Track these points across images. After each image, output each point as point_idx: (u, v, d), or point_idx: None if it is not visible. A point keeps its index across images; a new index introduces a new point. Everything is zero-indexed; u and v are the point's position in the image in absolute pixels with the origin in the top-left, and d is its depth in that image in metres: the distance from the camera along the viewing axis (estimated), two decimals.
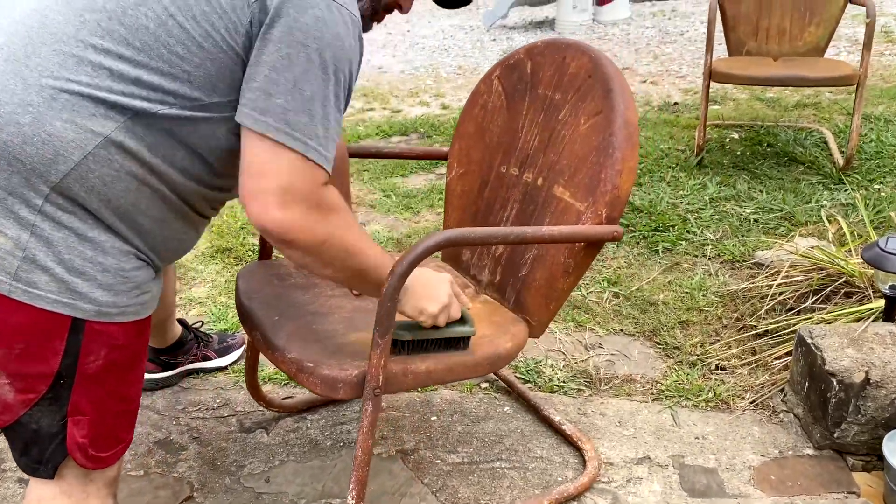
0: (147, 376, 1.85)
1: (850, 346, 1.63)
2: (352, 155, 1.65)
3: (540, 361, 2.00)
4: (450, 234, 1.15)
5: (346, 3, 1.05)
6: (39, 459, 1.04)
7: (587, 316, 2.21)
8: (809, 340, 1.69)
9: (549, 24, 6.75)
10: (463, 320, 1.27)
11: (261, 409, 1.79)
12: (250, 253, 2.58)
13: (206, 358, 1.93)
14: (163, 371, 1.86)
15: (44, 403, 1.01)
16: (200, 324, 2.00)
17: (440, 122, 3.98)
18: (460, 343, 1.28)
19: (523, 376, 1.94)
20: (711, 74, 2.98)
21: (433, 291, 1.22)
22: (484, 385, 1.92)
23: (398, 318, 1.19)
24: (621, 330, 2.15)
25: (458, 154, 1.69)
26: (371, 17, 1.23)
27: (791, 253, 2.26)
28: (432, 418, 1.78)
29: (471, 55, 5.75)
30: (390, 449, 1.67)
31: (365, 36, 1.14)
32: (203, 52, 0.99)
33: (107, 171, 0.98)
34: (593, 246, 1.36)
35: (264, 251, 1.63)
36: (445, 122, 3.99)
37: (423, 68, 5.44)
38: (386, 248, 2.65)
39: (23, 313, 0.97)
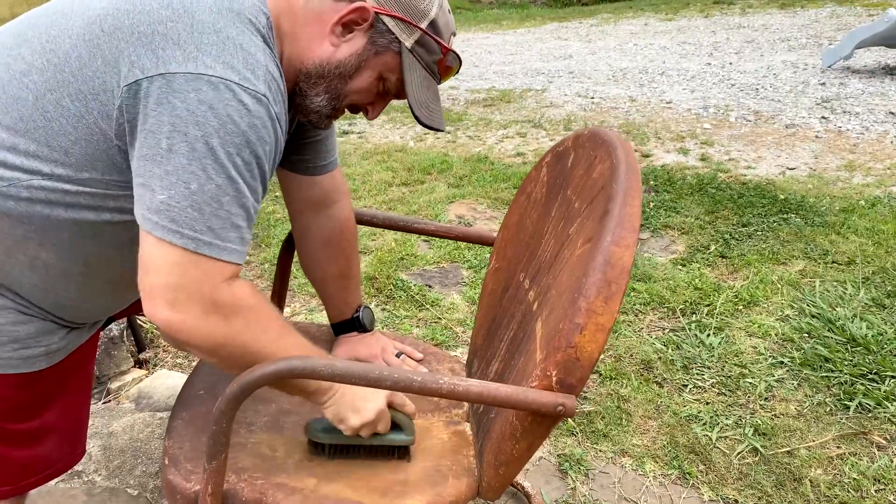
0: None
1: None
2: (380, 226, 1.47)
3: None
4: (293, 363, 0.93)
5: (242, 80, 0.90)
6: None
7: (701, 468, 1.72)
8: None
9: None
10: (400, 429, 1.13)
11: None
12: (391, 287, 2.52)
13: None
14: None
15: None
16: None
17: (682, 177, 3.48)
18: (396, 452, 1.14)
19: None
20: None
21: (361, 404, 1.10)
22: None
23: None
24: (735, 501, 1.63)
25: (499, 245, 1.41)
26: (329, 114, 1.11)
27: None
28: None
29: (780, 100, 4.96)
30: None
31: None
32: (77, 132, 0.94)
33: None
34: (542, 414, 1.01)
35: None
36: (686, 177, 3.48)
37: (714, 108, 4.83)
38: None
39: None
